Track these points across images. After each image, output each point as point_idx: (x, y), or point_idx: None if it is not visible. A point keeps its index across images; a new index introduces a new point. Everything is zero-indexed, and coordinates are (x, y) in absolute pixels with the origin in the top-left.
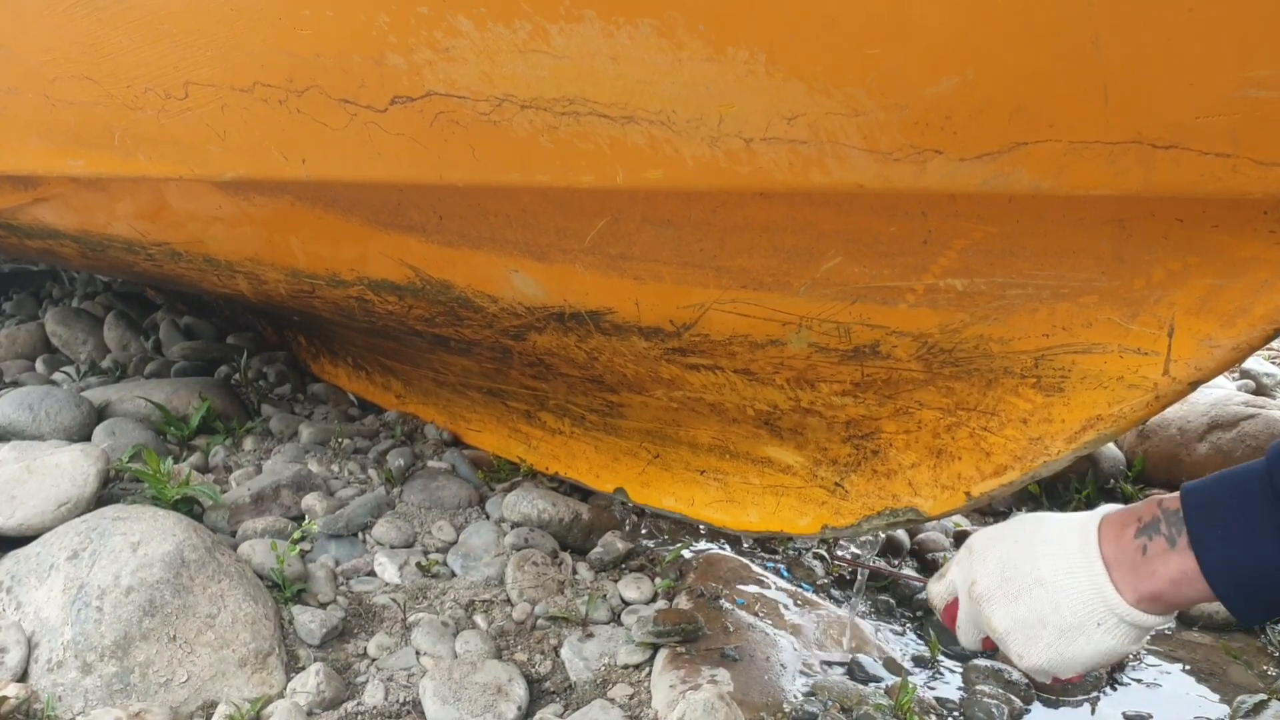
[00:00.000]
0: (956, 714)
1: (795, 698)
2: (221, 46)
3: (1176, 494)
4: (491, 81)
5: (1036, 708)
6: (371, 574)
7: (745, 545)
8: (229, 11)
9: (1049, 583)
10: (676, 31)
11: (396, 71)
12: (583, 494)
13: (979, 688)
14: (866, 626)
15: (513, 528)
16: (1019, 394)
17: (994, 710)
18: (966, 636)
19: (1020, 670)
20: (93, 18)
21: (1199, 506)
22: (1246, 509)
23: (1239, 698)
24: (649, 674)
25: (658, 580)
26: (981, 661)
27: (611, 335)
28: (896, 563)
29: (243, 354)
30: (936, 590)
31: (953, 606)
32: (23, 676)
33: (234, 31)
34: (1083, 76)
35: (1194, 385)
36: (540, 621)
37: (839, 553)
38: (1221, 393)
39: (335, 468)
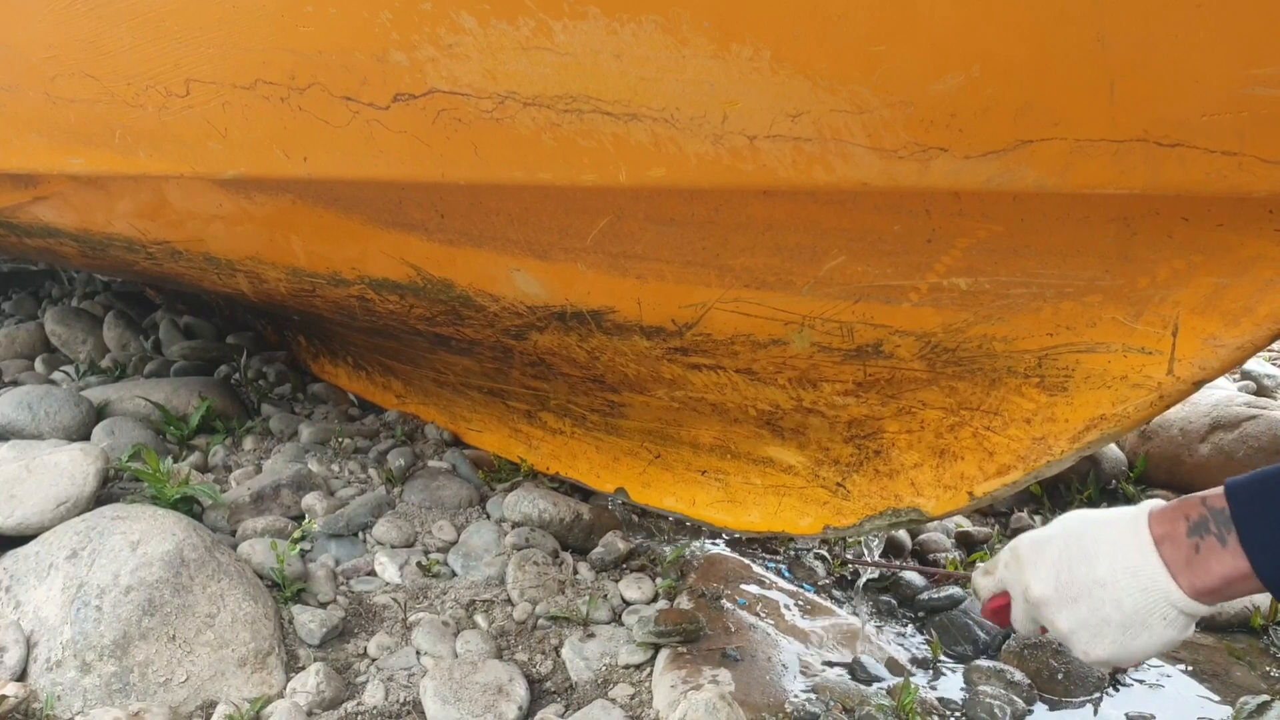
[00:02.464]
0: (959, 714)
1: (797, 698)
2: (223, 44)
3: (1219, 490)
4: (494, 79)
5: (1039, 708)
6: (372, 574)
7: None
8: (231, 8)
9: (1109, 583)
10: (681, 28)
11: (399, 69)
12: (584, 494)
13: (981, 688)
14: (868, 627)
15: (513, 528)
16: (1022, 393)
17: (996, 711)
18: (1023, 628)
19: (1082, 660)
20: (94, 15)
21: (1245, 505)
22: None
23: (1242, 699)
24: (650, 674)
25: (659, 580)
26: (984, 662)
27: (613, 335)
28: (898, 564)
29: (242, 353)
30: (985, 585)
31: (996, 600)
32: (21, 676)
33: (236, 28)
34: (1088, 74)
35: (1198, 385)
36: (541, 621)
37: (853, 554)
38: (1223, 394)
39: (335, 467)
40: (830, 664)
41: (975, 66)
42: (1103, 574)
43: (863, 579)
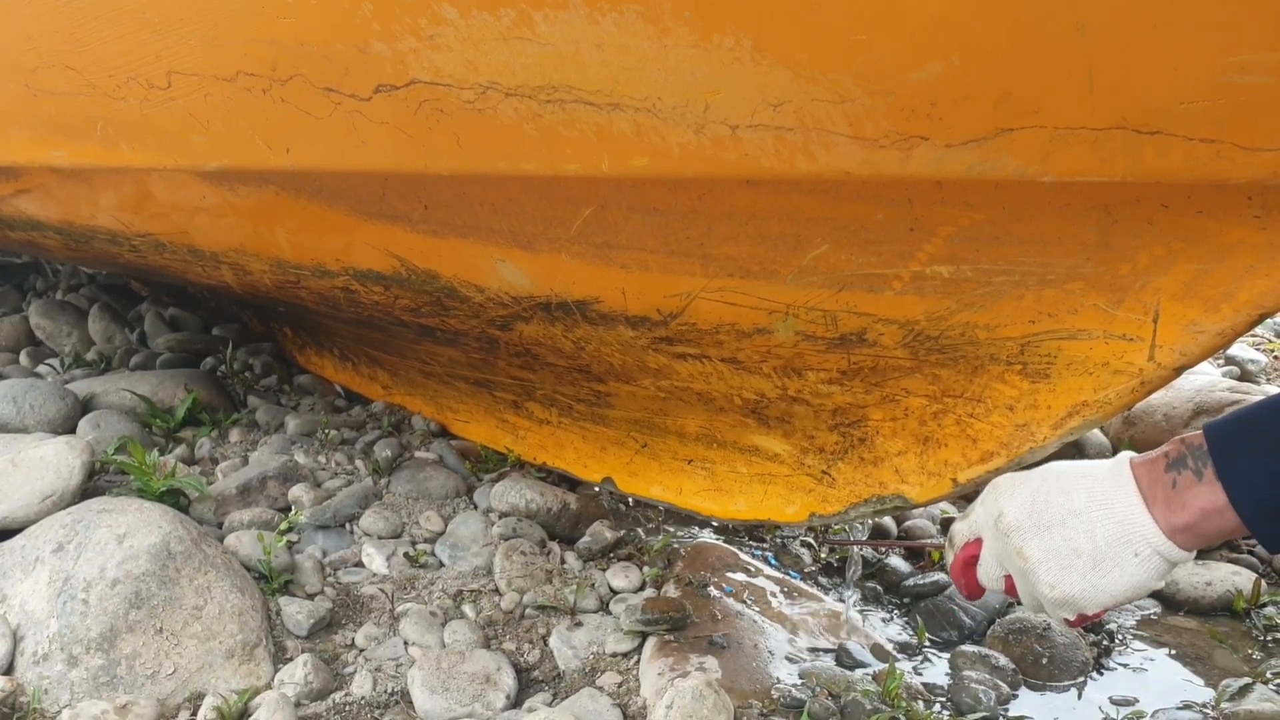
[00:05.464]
0: (944, 699)
1: (783, 684)
2: (204, 35)
3: (1199, 431)
4: (476, 69)
5: (1023, 692)
6: (359, 565)
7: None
8: (212, 0)
9: (1084, 513)
10: (662, 18)
11: (380, 60)
12: (571, 484)
13: (966, 673)
14: (854, 614)
15: (501, 518)
16: (1005, 380)
17: (981, 695)
18: (987, 574)
19: (1045, 605)
20: (73, 6)
21: (1221, 439)
22: (1267, 438)
23: (1224, 681)
24: (637, 662)
25: (646, 569)
26: (969, 647)
27: (598, 325)
28: (884, 550)
29: (228, 346)
30: (960, 529)
31: (970, 549)
32: (9, 670)
33: (217, 20)
34: (1068, 62)
35: (1179, 371)
36: (528, 611)
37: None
38: (1206, 379)
39: (322, 459)
40: (816, 650)
41: (955, 55)
42: (1079, 504)
43: (854, 558)
